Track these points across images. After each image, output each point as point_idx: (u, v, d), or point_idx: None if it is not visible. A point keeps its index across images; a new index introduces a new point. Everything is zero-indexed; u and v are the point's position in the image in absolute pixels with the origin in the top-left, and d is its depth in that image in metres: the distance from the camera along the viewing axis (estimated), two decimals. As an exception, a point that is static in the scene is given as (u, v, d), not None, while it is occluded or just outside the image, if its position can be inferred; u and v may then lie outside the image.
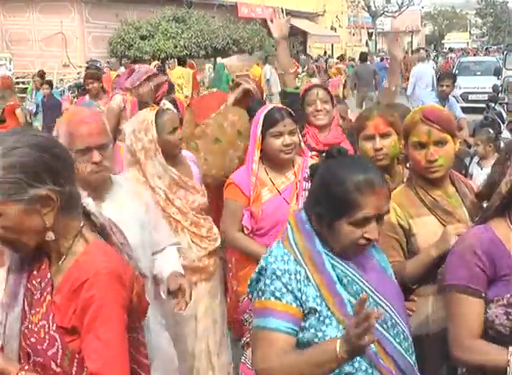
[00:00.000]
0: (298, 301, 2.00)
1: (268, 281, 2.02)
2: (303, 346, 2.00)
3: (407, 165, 2.95)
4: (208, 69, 19.86)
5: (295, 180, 3.42)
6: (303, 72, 14.92)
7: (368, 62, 18.71)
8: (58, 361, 1.73)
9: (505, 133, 8.66)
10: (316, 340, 1.98)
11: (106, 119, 6.25)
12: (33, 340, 1.76)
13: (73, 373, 1.73)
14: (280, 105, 3.54)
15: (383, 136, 3.04)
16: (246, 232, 3.38)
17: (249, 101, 4.36)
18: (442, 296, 2.33)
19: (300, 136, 3.49)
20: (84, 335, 1.70)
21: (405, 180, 2.92)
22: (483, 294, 2.12)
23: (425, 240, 2.57)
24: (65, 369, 1.73)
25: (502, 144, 6.98)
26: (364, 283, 2.05)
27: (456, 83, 8.77)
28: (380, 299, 2.06)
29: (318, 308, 1.99)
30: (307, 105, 3.99)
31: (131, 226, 2.62)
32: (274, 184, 3.39)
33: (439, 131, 2.60)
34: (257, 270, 2.09)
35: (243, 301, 3.46)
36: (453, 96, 8.61)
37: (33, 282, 1.82)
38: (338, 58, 25.40)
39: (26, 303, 1.81)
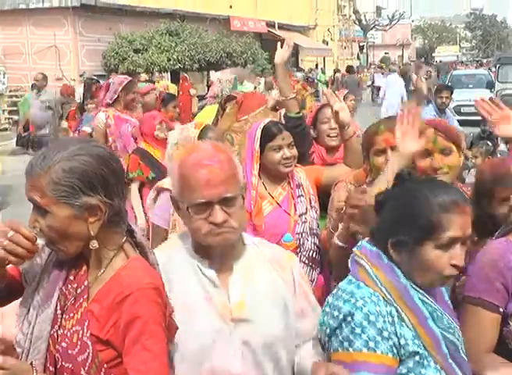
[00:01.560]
0: (394, 348, 1.81)
1: (358, 330, 1.79)
2: None
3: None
4: (220, 82, 20.28)
5: (289, 190, 3.46)
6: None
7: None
8: (86, 368, 1.74)
9: (502, 147, 8.69)
10: None
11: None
12: (64, 345, 1.77)
13: None
14: (276, 119, 3.55)
15: (394, 149, 3.03)
16: None
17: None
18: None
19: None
20: (129, 348, 1.72)
21: None
22: (500, 309, 2.12)
23: None
24: None
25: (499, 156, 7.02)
26: (449, 317, 1.94)
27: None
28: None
29: (420, 351, 1.82)
30: (320, 122, 3.97)
31: (269, 308, 2.07)
32: (273, 197, 3.41)
33: (443, 140, 2.65)
34: (341, 317, 1.84)
35: None
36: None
37: (69, 287, 1.83)
38: (347, 71, 25.61)
39: (58, 307, 1.82)
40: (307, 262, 3.40)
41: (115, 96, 6.21)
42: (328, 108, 3.95)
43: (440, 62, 44.45)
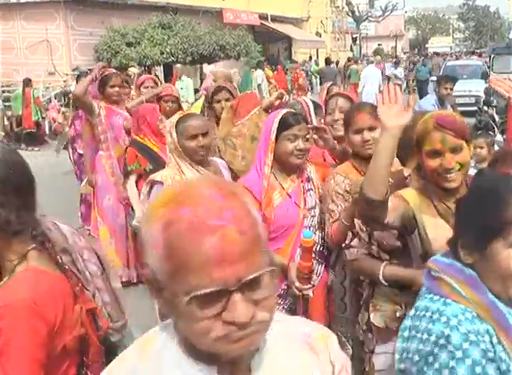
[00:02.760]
0: (498, 371, 1.53)
1: (458, 353, 1.48)
2: None
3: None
4: (233, 74, 20.94)
5: (299, 183, 3.43)
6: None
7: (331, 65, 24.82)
8: None
9: (498, 137, 8.68)
10: None
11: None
12: None
13: None
14: (294, 111, 3.52)
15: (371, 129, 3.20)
16: None
17: (282, 105, 4.44)
18: None
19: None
20: None
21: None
22: None
23: (438, 241, 2.45)
24: None
25: (496, 147, 7.00)
26: None
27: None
28: None
29: None
30: (328, 113, 3.94)
31: None
32: (283, 188, 3.38)
33: (453, 138, 2.49)
34: (433, 339, 1.53)
35: None
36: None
37: None
38: (349, 60, 26.38)
39: None
40: (314, 256, 3.36)
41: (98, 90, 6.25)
42: (334, 98, 3.98)
43: (434, 53, 44.28)
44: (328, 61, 25.51)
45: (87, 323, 1.76)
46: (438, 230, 2.52)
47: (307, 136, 3.36)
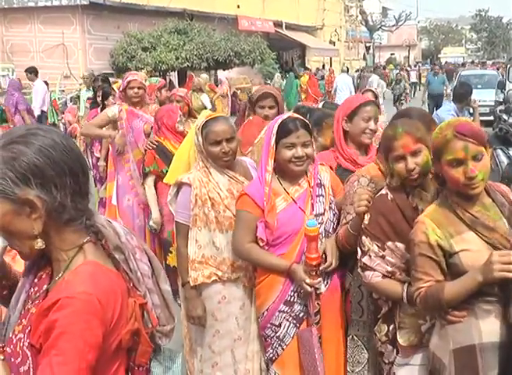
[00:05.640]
0: None
1: None
2: None
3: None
4: (277, 78, 23.55)
5: (308, 188, 3.36)
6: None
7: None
8: None
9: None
10: None
11: (93, 122, 6.20)
12: (9, 350, 1.63)
13: None
14: (296, 115, 3.45)
15: (413, 154, 2.80)
16: (261, 244, 3.29)
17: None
18: None
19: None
20: (40, 358, 1.53)
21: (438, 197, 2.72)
22: None
23: (470, 256, 2.47)
24: None
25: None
26: None
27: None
28: None
29: None
30: (361, 119, 3.66)
31: None
32: (288, 193, 3.33)
33: (475, 145, 2.46)
34: None
35: (264, 316, 3.39)
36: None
37: (32, 290, 1.72)
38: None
39: (23, 311, 1.69)
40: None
41: (120, 89, 6.23)
42: (371, 107, 3.71)
43: (446, 62, 44.21)
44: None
45: (139, 318, 1.72)
46: (468, 244, 2.50)
47: (307, 142, 3.27)
